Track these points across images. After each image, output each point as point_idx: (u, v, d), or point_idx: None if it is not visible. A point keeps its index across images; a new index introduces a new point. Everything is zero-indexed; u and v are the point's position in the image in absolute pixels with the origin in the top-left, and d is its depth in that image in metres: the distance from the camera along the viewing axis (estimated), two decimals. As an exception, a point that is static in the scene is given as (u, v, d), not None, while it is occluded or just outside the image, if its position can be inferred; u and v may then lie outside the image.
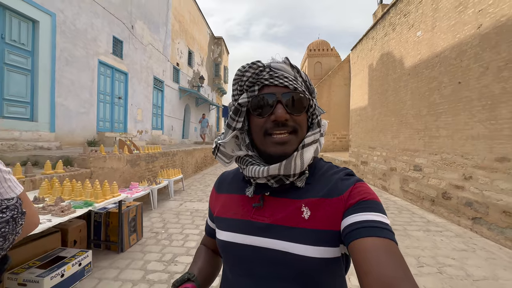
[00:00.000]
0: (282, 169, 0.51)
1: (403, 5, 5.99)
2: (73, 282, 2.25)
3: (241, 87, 0.55)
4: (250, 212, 0.57)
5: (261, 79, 0.53)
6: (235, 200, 0.61)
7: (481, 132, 3.71)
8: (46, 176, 2.91)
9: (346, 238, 0.46)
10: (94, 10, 6.78)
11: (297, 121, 0.53)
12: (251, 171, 0.54)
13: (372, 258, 0.40)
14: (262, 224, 0.54)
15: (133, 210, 3.17)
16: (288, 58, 0.55)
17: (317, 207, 0.52)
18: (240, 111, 0.56)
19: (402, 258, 0.40)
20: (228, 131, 0.58)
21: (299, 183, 0.54)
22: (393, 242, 0.43)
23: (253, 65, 0.53)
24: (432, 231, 3.84)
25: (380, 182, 6.99)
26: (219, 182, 0.70)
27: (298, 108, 0.53)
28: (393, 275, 0.37)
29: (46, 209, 2.12)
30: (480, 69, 3.73)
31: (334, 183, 0.54)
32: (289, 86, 0.53)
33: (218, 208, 0.64)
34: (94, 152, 3.80)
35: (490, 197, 3.52)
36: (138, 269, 2.59)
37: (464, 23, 4.06)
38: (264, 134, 0.53)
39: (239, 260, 0.56)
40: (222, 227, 0.60)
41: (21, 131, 4.76)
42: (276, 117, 0.51)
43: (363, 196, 0.49)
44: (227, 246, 0.57)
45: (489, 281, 2.49)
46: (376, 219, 0.45)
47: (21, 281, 1.99)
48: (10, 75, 4.77)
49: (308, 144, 0.54)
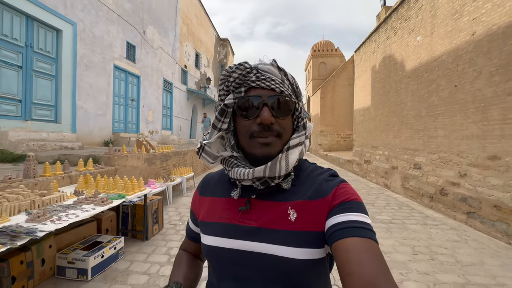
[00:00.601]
0: (267, 171, 0.52)
1: (404, 10, 6.25)
2: (110, 262, 2.62)
3: (227, 88, 0.55)
4: (237, 215, 0.56)
5: (247, 81, 0.53)
6: (221, 203, 0.60)
7: (474, 132, 3.97)
8: (80, 172, 3.30)
9: (329, 238, 0.47)
10: (110, 17, 7.20)
11: (282, 125, 0.54)
12: (237, 173, 0.54)
13: (353, 258, 0.41)
14: (249, 228, 0.54)
15: (155, 203, 3.53)
16: (275, 61, 0.56)
17: (303, 209, 0.52)
18: (226, 112, 0.56)
19: (383, 258, 0.42)
20: (213, 132, 0.58)
21: (285, 185, 0.55)
22: (374, 242, 0.44)
23: (240, 66, 0.53)
24: (429, 224, 4.12)
25: (383, 180, 7.25)
26: (203, 184, 0.69)
27: (284, 111, 0.54)
28: (374, 274, 0.39)
29: (89, 200, 2.49)
30: (474, 73, 3.99)
31: (318, 185, 0.54)
32: (276, 89, 0.53)
33: (203, 212, 0.63)
34: (118, 151, 4.18)
35: (482, 192, 3.79)
36: (163, 254, 2.95)
37: (460, 30, 4.32)
38: (250, 136, 0.54)
39: (226, 265, 0.56)
40: (208, 231, 0.59)
41: (48, 132, 5.19)
42: (262, 120, 0.51)
43: (346, 197, 0.51)
44: (213, 251, 0.57)
45: (476, 266, 2.78)
46: (358, 219, 0.47)
47: (70, 260, 2.36)
48: (37, 81, 5.19)
49: (293, 146, 0.54)
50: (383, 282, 0.38)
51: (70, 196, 2.66)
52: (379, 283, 0.37)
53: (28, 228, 1.79)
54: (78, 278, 2.35)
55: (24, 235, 1.68)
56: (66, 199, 2.55)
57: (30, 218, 1.94)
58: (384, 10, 10.57)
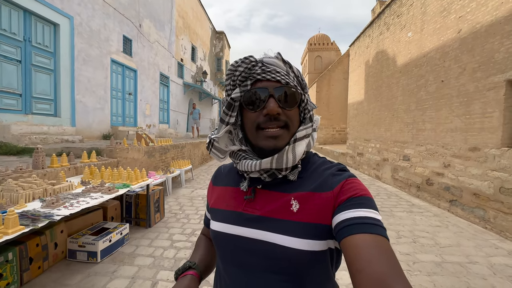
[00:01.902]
0: (274, 163, 0.53)
1: (396, 6, 6.40)
2: (117, 247, 2.82)
3: (234, 82, 0.56)
4: (242, 204, 0.58)
5: (253, 74, 0.54)
6: (229, 192, 0.63)
7: (458, 125, 4.22)
8: (85, 164, 3.46)
9: (338, 235, 0.47)
10: (106, 11, 7.20)
11: (289, 116, 0.54)
12: (244, 165, 0.56)
13: (364, 255, 0.40)
14: (252, 216, 0.55)
15: (157, 193, 3.72)
16: (280, 54, 0.56)
17: (306, 200, 0.53)
18: (233, 105, 0.57)
19: (393, 254, 0.41)
20: (221, 126, 0.59)
21: (292, 177, 0.56)
22: (385, 238, 0.43)
23: (246, 60, 0.54)
24: (414, 212, 4.40)
25: (374, 171, 7.54)
26: (216, 175, 0.72)
27: (290, 102, 0.54)
28: (384, 271, 0.38)
29: (96, 189, 2.67)
30: (459, 69, 4.21)
31: (325, 178, 0.54)
32: (281, 81, 0.54)
33: (214, 200, 0.66)
34: (119, 144, 4.33)
35: (463, 182, 4.06)
36: (165, 239, 3.16)
37: (447, 27, 4.51)
38: (257, 128, 0.55)
39: (230, 250, 0.58)
40: (216, 218, 0.62)
41: (49, 126, 5.30)
42: (268, 111, 0.52)
43: (354, 192, 0.50)
44: (218, 236, 0.59)
45: (452, 247, 3.06)
46: (367, 215, 0.46)
47: (80, 244, 2.56)
48: (37, 75, 5.26)
49: (300, 138, 0.55)
50: (393, 278, 0.37)
51: (78, 185, 2.83)
52: (389, 280, 0.37)
53: (45, 212, 1.98)
54: (88, 260, 2.55)
55: (43, 218, 1.87)
56: (74, 188, 2.73)
57: (46, 204, 2.12)
58: (379, 5, 10.69)
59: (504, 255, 2.88)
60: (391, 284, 0.36)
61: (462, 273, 2.51)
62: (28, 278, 2.18)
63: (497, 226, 3.44)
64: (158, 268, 2.51)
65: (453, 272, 2.52)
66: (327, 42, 23.00)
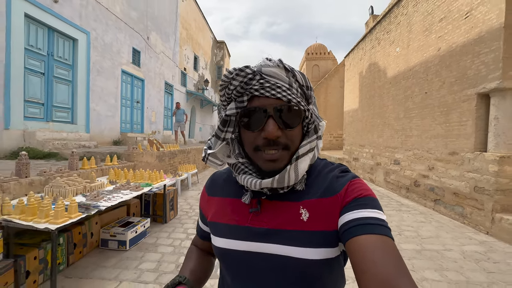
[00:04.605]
0: (275, 183, 0.50)
1: (386, 23, 7.00)
2: (141, 237, 3.25)
3: (228, 95, 0.52)
4: (247, 217, 0.55)
5: (250, 89, 0.49)
6: (230, 204, 0.59)
7: (439, 132, 4.73)
8: (109, 166, 3.90)
9: (343, 236, 0.46)
10: (118, 26, 7.76)
11: (290, 136, 0.51)
12: (244, 181, 0.53)
13: (369, 255, 0.40)
14: (261, 230, 0.53)
15: (171, 193, 4.16)
16: (281, 61, 0.50)
17: (315, 208, 0.51)
18: (229, 121, 0.53)
19: (399, 254, 0.41)
20: (217, 142, 0.56)
21: (299, 187, 0.53)
22: (389, 238, 0.43)
23: (241, 72, 0.48)
24: (403, 210, 4.86)
25: (368, 175, 8.01)
26: (210, 184, 0.67)
27: (292, 122, 0.50)
28: (389, 272, 0.37)
29: (125, 187, 3.11)
30: (439, 83, 4.74)
31: (330, 182, 0.53)
32: (282, 98, 0.49)
33: (212, 212, 0.62)
34: (135, 149, 4.78)
35: (445, 182, 4.55)
36: (181, 233, 3.58)
37: (429, 45, 5.08)
38: (255, 149, 0.51)
39: (240, 267, 0.55)
40: (218, 233, 0.58)
41: (67, 132, 5.74)
42: (266, 134, 0.48)
43: (359, 193, 0.49)
44: (225, 253, 0.56)
45: (432, 238, 3.51)
46: (372, 216, 0.45)
47: (112, 234, 2.98)
48: (57, 86, 5.74)
49: (303, 154, 0.51)
50: (399, 279, 0.36)
51: (107, 184, 3.27)
52: (394, 280, 0.36)
53: (92, 204, 2.42)
54: (119, 248, 2.97)
55: (92, 207, 2.31)
56: (105, 186, 3.17)
57: (89, 197, 2.56)
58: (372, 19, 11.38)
59: (476, 244, 3.34)
60: (397, 285, 0.36)
61: (437, 257, 2.96)
62: (72, 260, 2.60)
63: (473, 221, 3.91)
64: (179, 255, 2.93)
65: (430, 257, 2.97)
66: (324, 51, 23.83)
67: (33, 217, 1.95)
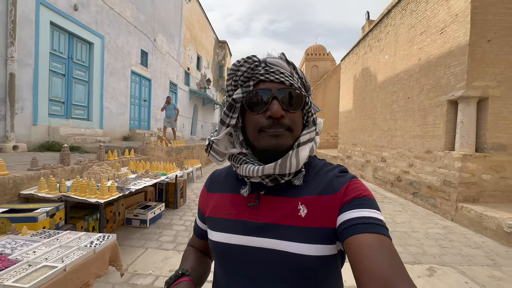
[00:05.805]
0: (277, 169, 0.51)
1: (377, 32, 7.58)
2: (158, 218, 3.86)
3: (235, 82, 0.55)
4: (245, 212, 0.56)
5: (256, 74, 0.53)
6: (228, 199, 0.60)
7: (418, 133, 5.34)
8: (128, 159, 4.50)
9: (341, 234, 0.47)
10: (129, 29, 8.31)
11: (293, 119, 0.53)
12: (245, 170, 0.54)
13: (367, 254, 0.41)
14: (258, 224, 0.53)
15: (181, 182, 4.76)
16: (284, 54, 0.54)
17: (314, 204, 0.52)
18: (234, 107, 0.55)
19: (396, 254, 0.41)
20: (221, 128, 0.57)
21: (297, 182, 0.54)
22: (387, 238, 0.44)
23: (249, 59, 0.52)
24: (385, 202, 5.48)
25: (359, 172, 8.63)
26: (210, 181, 0.68)
27: (294, 104, 0.52)
28: (388, 270, 0.38)
29: (146, 175, 3.71)
30: (419, 89, 5.34)
31: (329, 180, 0.54)
32: (285, 82, 0.52)
33: (210, 208, 0.63)
34: (148, 144, 5.38)
35: (421, 177, 5.16)
36: (191, 216, 4.19)
37: (412, 55, 5.67)
38: (259, 131, 0.53)
39: (235, 262, 0.55)
40: (215, 227, 0.59)
41: (84, 129, 6.33)
42: (271, 113, 0.50)
43: (358, 193, 0.50)
44: (221, 247, 0.56)
45: (404, 223, 4.13)
46: (370, 215, 0.46)
47: (135, 214, 3.59)
48: (76, 86, 6.32)
49: (303, 142, 0.53)
50: (397, 277, 0.37)
51: (129, 173, 3.87)
52: (392, 279, 0.37)
53: (125, 186, 3.02)
54: (140, 226, 3.58)
55: (125, 189, 2.91)
56: (129, 175, 3.77)
57: (121, 182, 3.16)
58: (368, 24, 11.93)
59: (439, 228, 3.96)
60: (395, 283, 0.37)
61: (405, 237, 3.58)
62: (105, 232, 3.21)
63: (442, 210, 4.53)
64: (191, 232, 3.54)
65: (398, 236, 3.59)
66: (323, 52, 24.36)
67: (85, 194, 2.54)
